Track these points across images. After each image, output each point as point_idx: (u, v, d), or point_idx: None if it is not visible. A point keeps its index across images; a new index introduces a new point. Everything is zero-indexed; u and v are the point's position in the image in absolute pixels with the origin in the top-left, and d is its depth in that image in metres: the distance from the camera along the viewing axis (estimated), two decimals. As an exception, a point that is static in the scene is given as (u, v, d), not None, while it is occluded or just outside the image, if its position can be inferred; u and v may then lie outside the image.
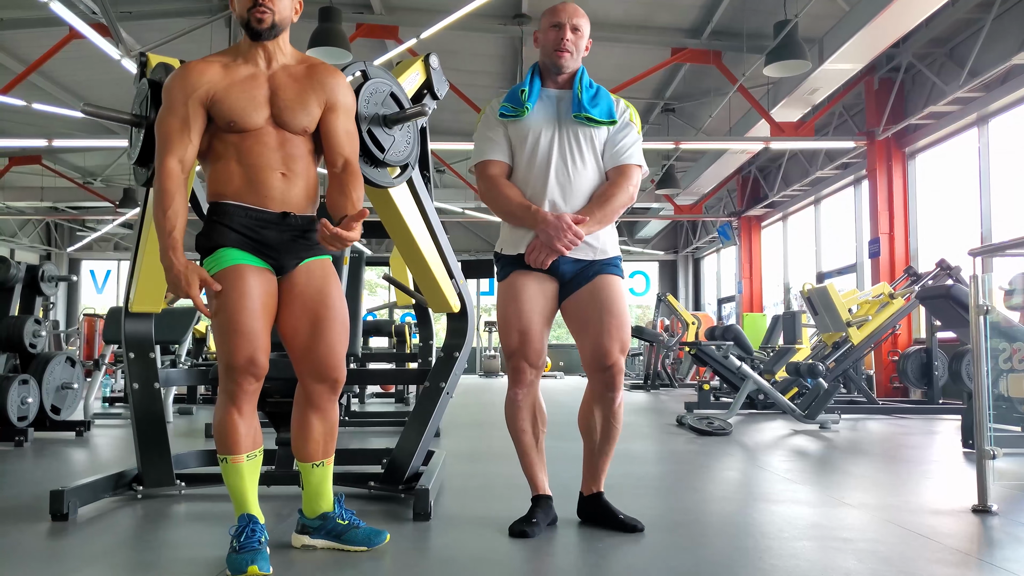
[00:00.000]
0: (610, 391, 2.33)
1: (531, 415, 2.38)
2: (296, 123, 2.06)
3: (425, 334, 5.38)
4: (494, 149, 2.37)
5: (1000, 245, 3.10)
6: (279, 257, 2.05)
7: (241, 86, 2.02)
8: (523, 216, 2.29)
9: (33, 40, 9.11)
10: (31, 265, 5.45)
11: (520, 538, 2.21)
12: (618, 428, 2.38)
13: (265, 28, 2.02)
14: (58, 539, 2.32)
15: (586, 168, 2.34)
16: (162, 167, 1.97)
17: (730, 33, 9.10)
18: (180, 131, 1.99)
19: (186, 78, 2.02)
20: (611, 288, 2.33)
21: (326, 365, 2.07)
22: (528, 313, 2.31)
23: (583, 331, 2.34)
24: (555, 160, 2.31)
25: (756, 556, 2.15)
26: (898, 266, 9.33)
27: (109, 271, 19.74)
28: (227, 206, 2.02)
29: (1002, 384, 3.97)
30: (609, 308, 2.30)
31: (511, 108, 2.35)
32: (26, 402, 4.77)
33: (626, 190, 2.33)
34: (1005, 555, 2.19)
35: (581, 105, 2.32)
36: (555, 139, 2.33)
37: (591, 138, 2.34)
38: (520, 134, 2.35)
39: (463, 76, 10.05)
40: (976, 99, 8.32)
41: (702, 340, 10.08)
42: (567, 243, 2.23)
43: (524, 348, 2.32)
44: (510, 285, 2.35)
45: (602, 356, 2.29)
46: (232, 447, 1.99)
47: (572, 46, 2.34)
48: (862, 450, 4.58)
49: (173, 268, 1.92)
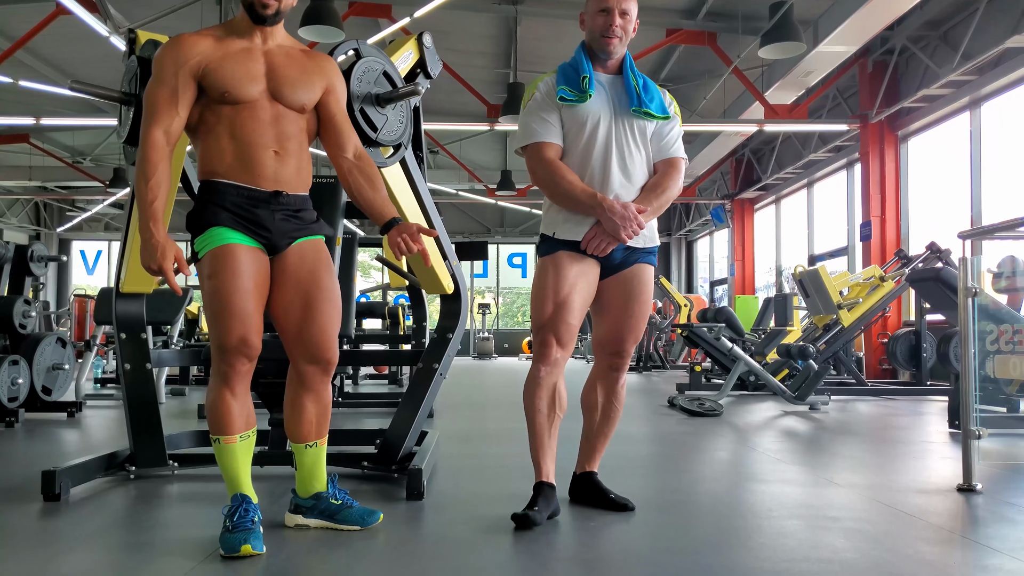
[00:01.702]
0: (615, 371, 2.40)
1: (550, 396, 2.30)
2: (295, 98, 2.05)
3: (418, 315, 5.39)
4: (550, 131, 2.30)
5: (989, 228, 3.12)
6: (271, 236, 2.03)
7: (236, 57, 2.01)
8: (588, 203, 2.24)
9: (20, 16, 8.98)
10: (20, 245, 5.41)
11: (524, 527, 2.13)
12: (619, 409, 2.43)
13: (270, 14, 2.02)
14: (50, 519, 2.33)
15: (641, 159, 2.34)
16: (147, 137, 1.94)
17: (725, 14, 9.05)
18: (168, 101, 1.96)
19: (178, 49, 1.99)
20: (645, 277, 2.38)
21: (318, 346, 2.06)
22: (569, 288, 2.27)
23: (607, 313, 2.37)
24: (615, 149, 2.30)
25: (746, 535, 2.18)
26: (889, 249, 9.37)
27: (100, 251, 19.62)
28: (218, 184, 2.00)
29: (988, 366, 4.01)
30: (638, 296, 2.35)
31: (572, 93, 2.29)
32: (16, 383, 4.75)
33: (677, 181, 2.36)
34: (989, 533, 2.22)
35: (641, 100, 2.31)
36: (612, 128, 2.31)
37: (644, 130, 2.34)
38: (577, 120, 2.30)
39: (457, 56, 9.97)
40: (969, 82, 8.31)
41: (694, 322, 10.12)
42: (631, 232, 2.24)
43: (556, 322, 2.26)
44: (558, 260, 2.30)
45: (618, 342, 2.36)
46: (225, 428, 1.99)
47: (621, 31, 2.30)
48: (851, 431, 4.63)
49: (152, 240, 1.89)
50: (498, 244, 19.14)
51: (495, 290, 20.16)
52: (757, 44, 7.78)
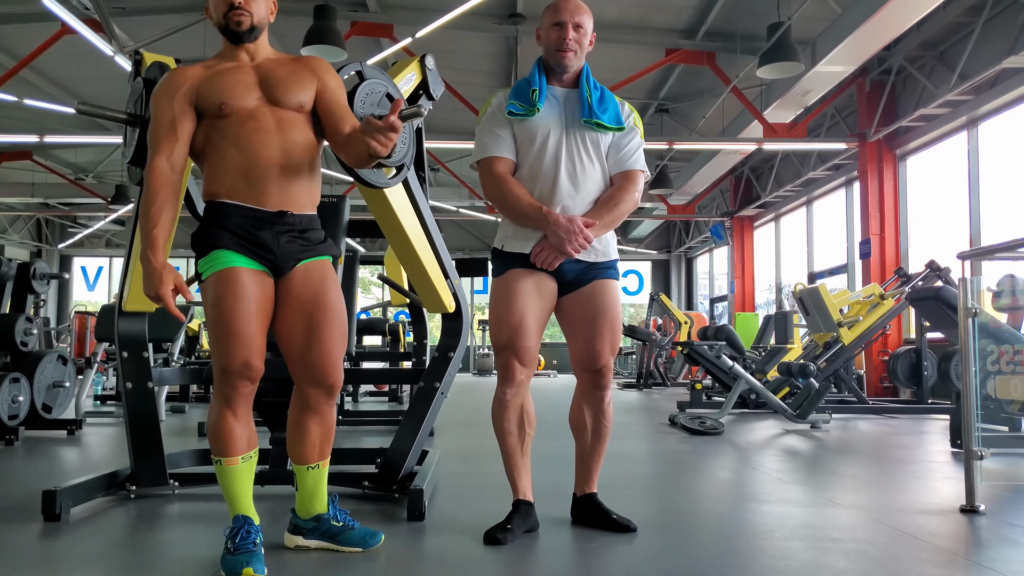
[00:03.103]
0: (599, 390, 2.37)
1: (518, 417, 2.33)
2: (291, 98, 2.05)
3: (419, 333, 5.39)
4: (500, 145, 2.32)
5: (988, 248, 3.13)
6: (275, 259, 2.02)
7: (225, 73, 2.04)
8: (534, 216, 2.25)
9: (25, 35, 9.06)
10: (23, 263, 5.43)
11: (493, 545, 2.18)
12: (608, 427, 2.40)
13: (244, 31, 2.04)
14: (51, 540, 2.32)
15: (594, 171, 2.32)
16: (150, 166, 1.98)
17: (724, 34, 9.13)
18: (168, 130, 1.99)
19: (169, 82, 2.04)
20: (608, 292, 2.35)
21: (323, 370, 2.05)
22: (523, 309, 2.28)
23: (576, 332, 2.35)
24: (564, 162, 2.29)
25: (748, 556, 2.17)
26: (889, 267, 9.39)
27: (101, 268, 19.63)
28: (222, 205, 2.00)
29: (990, 385, 4.01)
30: (604, 311, 2.32)
31: (520, 107, 2.31)
32: (17, 400, 4.74)
33: (632, 195, 2.33)
34: (992, 555, 2.21)
35: (592, 111, 2.29)
36: (563, 141, 2.30)
37: (597, 142, 2.32)
38: (527, 133, 2.31)
39: (458, 75, 10.04)
40: (966, 102, 8.37)
41: (695, 339, 10.11)
42: (578, 246, 2.22)
43: (515, 345, 2.28)
44: (507, 281, 2.32)
45: (594, 358, 2.33)
46: (227, 449, 1.99)
47: (575, 44, 2.30)
48: (852, 450, 4.62)
49: (150, 267, 1.91)
50: (498, 261, 19.13)
51: (495, 307, 20.11)
52: (756, 64, 7.85)
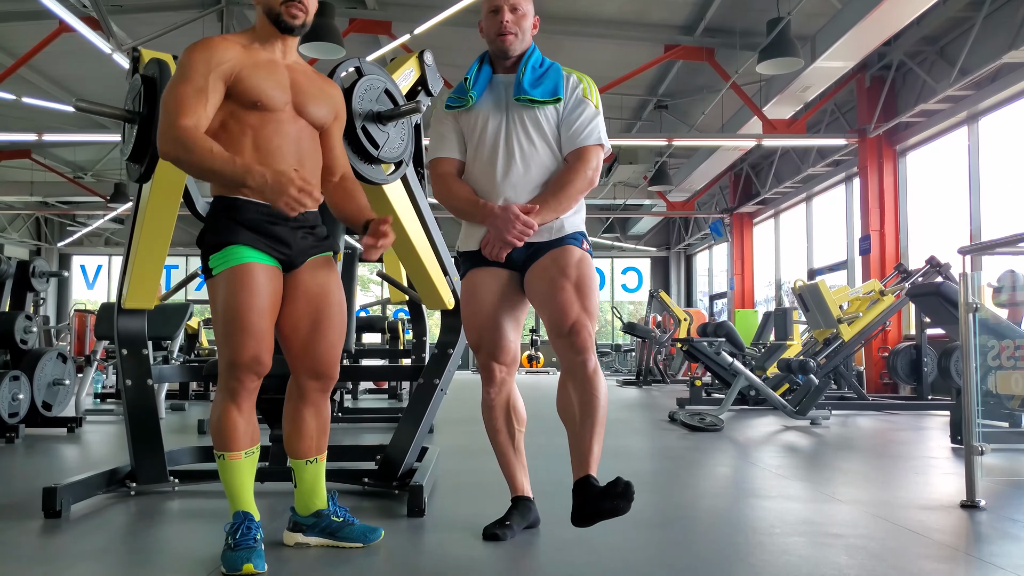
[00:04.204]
0: (578, 355, 2.08)
1: (505, 414, 2.29)
2: (318, 114, 2.08)
3: (419, 330, 5.39)
4: (442, 145, 2.29)
5: (989, 243, 3.13)
6: (290, 254, 2.04)
7: (265, 67, 2.02)
8: (471, 211, 2.21)
9: (23, 33, 9.03)
10: (23, 261, 5.43)
11: (492, 541, 2.18)
12: (597, 397, 2.08)
13: (298, 25, 2.05)
14: (51, 537, 2.32)
15: (538, 154, 2.21)
16: (183, 128, 1.85)
17: (723, 30, 9.12)
18: (195, 99, 1.91)
19: (210, 51, 1.95)
20: (565, 254, 2.18)
21: (324, 362, 2.08)
22: (486, 308, 2.23)
23: (540, 301, 2.18)
24: (503, 148, 2.21)
25: (748, 552, 2.17)
26: (889, 263, 9.39)
27: (100, 266, 19.64)
28: (237, 200, 1.98)
29: (990, 380, 4.01)
30: (563, 270, 2.15)
31: (456, 98, 2.26)
32: (17, 398, 4.74)
33: (583, 174, 2.18)
34: (993, 550, 2.22)
35: (521, 87, 2.20)
36: (502, 126, 2.22)
37: (539, 122, 2.21)
38: (469, 124, 2.26)
39: (457, 72, 9.93)
40: (966, 97, 8.36)
41: (694, 336, 10.11)
42: (516, 234, 2.11)
43: (488, 345, 2.24)
44: (469, 283, 2.28)
45: (560, 318, 2.09)
46: (230, 444, 1.99)
47: (514, 27, 2.22)
48: (852, 446, 4.62)
49: (269, 176, 1.81)
50: (498, 258, 19.14)
51: (495, 304, 20.13)
52: (755, 59, 7.84)
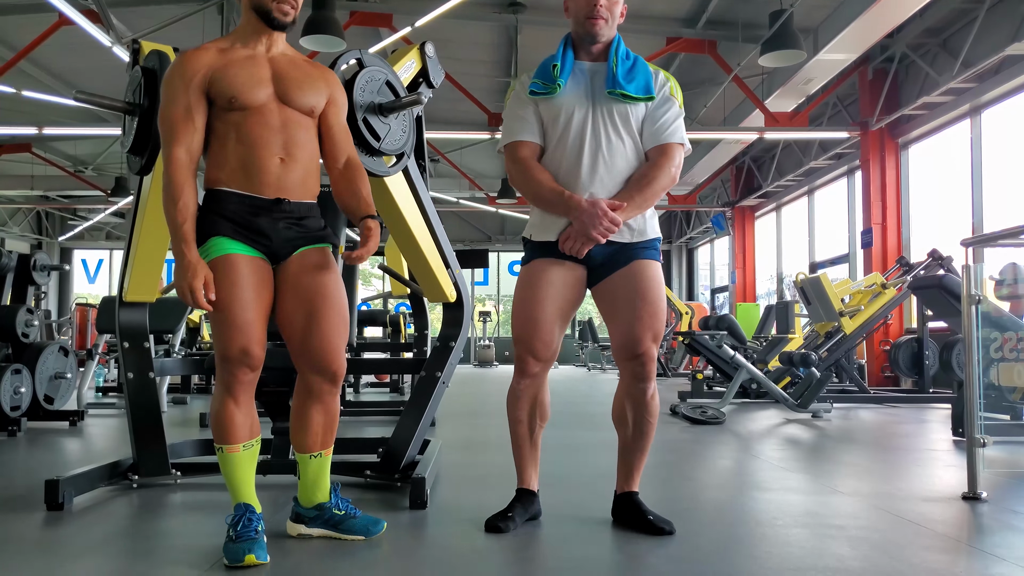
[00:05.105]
0: (641, 382, 2.19)
1: (530, 407, 2.27)
2: (304, 100, 2.06)
3: (420, 324, 5.38)
4: (524, 129, 2.22)
5: (992, 236, 3.11)
6: (271, 245, 2.02)
7: (240, 64, 2.02)
8: (555, 202, 2.15)
9: (22, 26, 9.02)
10: (23, 254, 5.43)
11: (494, 532, 2.18)
12: (651, 422, 2.24)
13: (288, 22, 2.05)
14: (54, 529, 2.32)
15: (624, 148, 2.17)
16: (170, 158, 1.95)
17: (725, 23, 9.08)
18: (184, 119, 1.97)
19: (183, 66, 2.00)
20: (647, 274, 2.18)
21: (323, 357, 2.05)
22: (543, 302, 2.19)
23: (614, 318, 2.21)
24: (589, 140, 2.16)
25: (751, 544, 2.17)
26: (890, 256, 9.37)
27: (101, 260, 19.64)
28: (220, 193, 2.00)
29: (992, 372, 4.00)
30: (643, 295, 2.16)
31: (542, 85, 2.19)
32: (19, 392, 4.75)
33: (668, 171, 2.17)
34: (995, 541, 2.22)
35: (616, 80, 2.15)
36: (589, 117, 2.17)
37: (627, 116, 2.17)
38: (552, 112, 2.19)
39: (458, 65, 10.00)
40: (969, 90, 8.33)
41: (696, 330, 10.11)
42: (603, 231, 2.09)
43: (530, 338, 2.21)
44: (531, 271, 2.23)
45: (632, 344, 2.16)
46: (228, 437, 1.99)
47: (606, 12, 2.17)
48: (854, 438, 4.62)
49: (184, 259, 1.90)
50: (499, 252, 19.16)
51: (496, 298, 20.16)
52: (757, 52, 7.81)
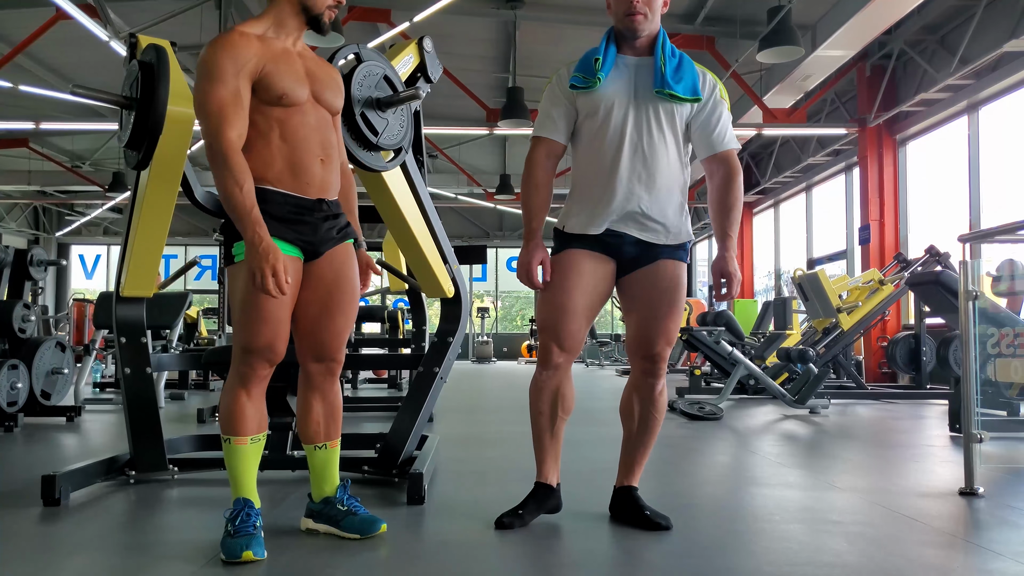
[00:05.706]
0: (651, 377, 2.22)
1: (552, 399, 2.23)
2: (334, 101, 2.09)
3: (418, 319, 5.38)
4: (546, 126, 2.19)
5: (989, 231, 3.12)
6: (314, 243, 2.04)
7: (283, 59, 1.99)
8: (529, 219, 2.19)
9: (19, 21, 8.98)
10: (20, 249, 5.41)
11: (502, 529, 2.18)
12: (657, 418, 2.24)
13: (329, 23, 2.06)
14: (51, 524, 2.32)
15: (664, 145, 2.13)
16: (226, 140, 1.86)
17: (723, 19, 9.07)
18: (234, 104, 1.89)
19: (235, 49, 1.92)
20: (671, 274, 2.18)
21: (328, 346, 2.09)
22: (572, 292, 2.15)
23: (633, 312, 2.21)
24: (630, 135, 2.11)
25: (748, 539, 2.17)
26: (888, 252, 9.38)
27: (98, 256, 19.61)
28: (266, 191, 1.96)
29: (989, 368, 4.01)
30: (665, 296, 2.17)
31: (582, 79, 2.13)
32: (15, 387, 4.74)
33: (739, 182, 2.17)
34: (992, 536, 2.22)
35: (664, 79, 2.10)
36: (631, 112, 2.12)
37: (672, 113, 2.13)
38: (591, 105, 2.14)
39: (456, 60, 9.98)
40: (967, 86, 8.34)
41: (693, 326, 10.11)
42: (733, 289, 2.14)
43: (557, 327, 2.17)
44: (563, 261, 2.19)
45: (646, 344, 2.18)
46: (237, 428, 2.00)
47: (644, 7, 2.13)
48: (851, 434, 4.63)
49: (263, 243, 1.84)
50: (497, 248, 19.15)
51: (494, 294, 20.17)
52: (755, 48, 7.80)
